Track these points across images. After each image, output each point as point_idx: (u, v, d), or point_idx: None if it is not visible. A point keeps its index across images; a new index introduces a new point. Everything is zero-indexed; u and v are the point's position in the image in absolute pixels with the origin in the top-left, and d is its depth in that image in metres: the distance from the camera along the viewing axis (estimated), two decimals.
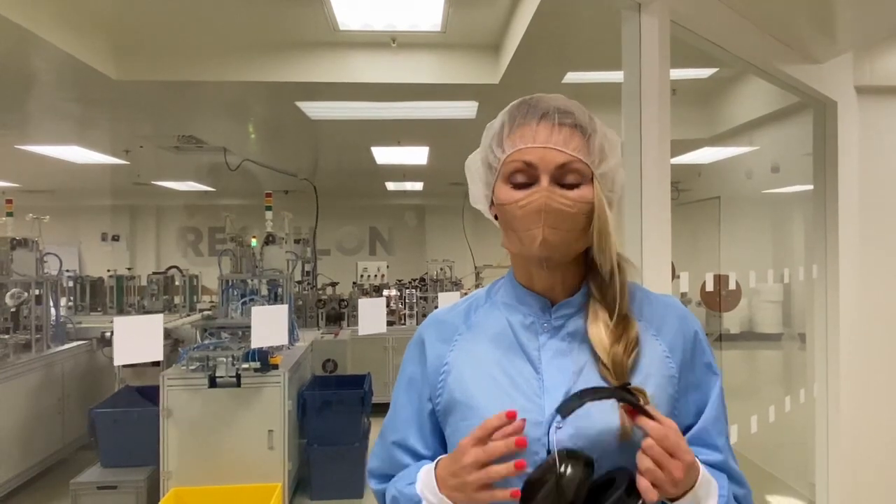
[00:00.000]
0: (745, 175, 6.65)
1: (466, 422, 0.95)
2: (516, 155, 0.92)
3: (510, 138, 0.94)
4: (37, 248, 5.10)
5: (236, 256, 4.64)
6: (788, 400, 2.72)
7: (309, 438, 4.39)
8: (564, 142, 0.91)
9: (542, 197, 0.90)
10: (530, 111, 0.94)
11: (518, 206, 0.92)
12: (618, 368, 0.92)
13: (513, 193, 0.93)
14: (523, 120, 0.94)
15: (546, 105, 0.94)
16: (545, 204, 0.89)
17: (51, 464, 4.82)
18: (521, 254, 0.97)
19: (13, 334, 4.80)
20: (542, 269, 0.95)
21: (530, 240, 0.92)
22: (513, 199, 0.92)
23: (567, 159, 0.91)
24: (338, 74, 4.01)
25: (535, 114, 0.93)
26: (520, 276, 1.02)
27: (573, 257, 0.96)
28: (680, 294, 2.21)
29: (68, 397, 5.09)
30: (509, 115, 0.97)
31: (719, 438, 0.98)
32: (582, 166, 0.92)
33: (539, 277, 0.99)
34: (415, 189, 10.34)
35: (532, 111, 0.94)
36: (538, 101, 0.95)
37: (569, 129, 0.92)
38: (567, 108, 0.94)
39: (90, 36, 3.63)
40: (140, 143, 6.22)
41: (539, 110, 0.94)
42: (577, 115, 0.94)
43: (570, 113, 0.94)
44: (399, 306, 7.01)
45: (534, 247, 0.91)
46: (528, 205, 0.91)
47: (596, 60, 3.81)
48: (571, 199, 0.91)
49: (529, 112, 0.94)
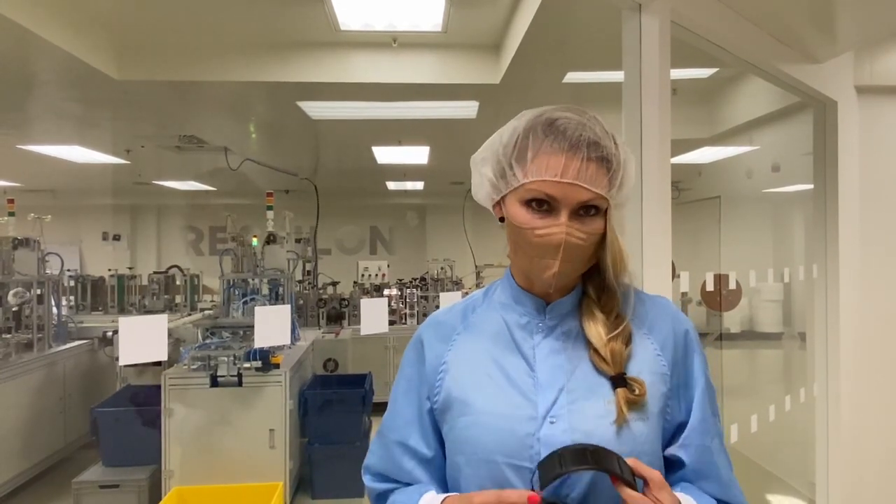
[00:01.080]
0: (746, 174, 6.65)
1: (463, 418, 0.97)
2: (540, 185, 0.91)
3: (535, 163, 0.91)
4: (38, 248, 5.10)
5: (237, 256, 4.64)
6: (789, 399, 2.73)
7: (310, 437, 4.40)
8: (591, 179, 0.90)
9: (561, 232, 0.90)
10: (559, 138, 0.91)
11: (535, 235, 0.92)
12: (616, 358, 0.94)
13: (530, 219, 0.92)
14: (550, 147, 0.91)
15: (577, 134, 0.91)
16: (565, 241, 0.90)
17: (53, 463, 4.83)
18: (530, 275, 0.99)
19: (15, 334, 4.81)
20: (549, 287, 0.97)
21: (543, 268, 0.93)
22: (530, 225, 0.92)
23: (590, 196, 0.91)
24: (339, 74, 4.02)
25: (564, 143, 0.90)
26: (518, 278, 1.04)
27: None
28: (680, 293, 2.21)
29: (70, 396, 5.10)
30: (534, 134, 0.93)
31: (706, 439, 0.99)
32: (601, 201, 0.92)
33: (539, 280, 1.00)
34: (415, 188, 10.35)
35: (561, 139, 0.91)
36: (566, 127, 0.91)
37: (595, 164, 0.90)
38: (596, 138, 0.91)
39: (91, 36, 3.64)
40: (141, 143, 6.22)
41: (569, 140, 0.90)
42: (605, 146, 0.92)
43: (600, 145, 0.91)
44: (400, 306, 7.02)
45: (546, 275, 0.93)
46: (546, 237, 0.91)
47: (596, 60, 3.81)
48: (587, 234, 0.92)
49: (557, 139, 0.91)
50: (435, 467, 1.04)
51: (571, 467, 0.84)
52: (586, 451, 0.86)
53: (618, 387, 0.93)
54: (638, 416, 0.93)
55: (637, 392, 0.92)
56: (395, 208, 11.82)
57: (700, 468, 0.98)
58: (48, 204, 8.48)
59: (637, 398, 0.92)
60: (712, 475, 0.98)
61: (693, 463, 0.97)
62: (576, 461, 0.84)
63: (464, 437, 0.97)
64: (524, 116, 0.97)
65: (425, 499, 0.97)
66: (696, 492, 0.97)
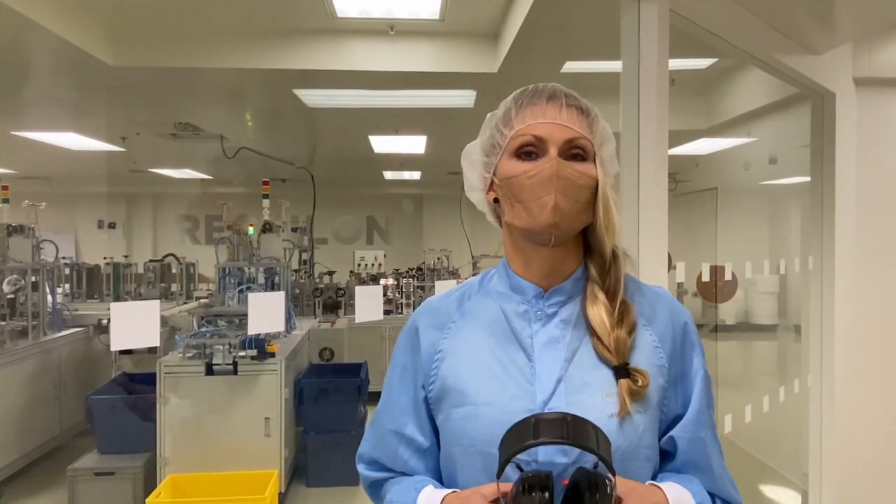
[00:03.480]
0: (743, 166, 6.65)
1: (459, 409, 0.96)
2: (525, 129, 0.96)
3: (519, 116, 0.97)
4: (33, 235, 5.08)
5: (233, 244, 4.63)
6: (783, 390, 2.74)
7: (305, 426, 4.40)
8: (571, 120, 0.96)
9: (552, 165, 0.92)
10: (538, 93, 0.99)
11: (527, 177, 0.94)
12: (621, 347, 0.94)
13: (521, 165, 0.95)
14: (531, 100, 0.98)
15: (553, 88, 0.99)
16: (556, 171, 0.92)
17: (48, 450, 4.83)
18: (529, 227, 0.95)
19: (10, 321, 4.80)
20: (548, 244, 0.95)
21: (540, 207, 0.93)
22: (521, 170, 0.95)
23: (574, 135, 0.95)
24: (335, 62, 3.99)
25: (543, 95, 0.98)
26: (515, 264, 1.03)
27: (575, 234, 0.98)
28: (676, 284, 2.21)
29: (65, 384, 5.10)
30: (515, 98, 1.01)
31: (702, 431, 0.99)
32: (587, 143, 0.96)
33: (537, 261, 0.99)
34: (412, 178, 10.33)
35: (540, 93, 0.99)
36: (544, 86, 1.00)
37: (575, 110, 0.97)
38: (571, 92, 1.00)
39: (86, 21, 3.60)
40: (137, 130, 6.19)
41: (546, 92, 0.98)
42: (581, 99, 1.00)
43: (574, 96, 0.99)
44: (396, 295, 7.02)
45: (545, 213, 0.92)
46: (538, 173, 0.93)
47: (595, 50, 3.79)
48: (579, 171, 0.94)
49: (537, 94, 0.99)
50: (430, 456, 1.03)
51: (544, 439, 0.80)
52: (565, 421, 0.82)
53: (620, 377, 0.92)
54: (637, 409, 0.92)
55: (640, 383, 0.92)
56: (391, 198, 11.80)
57: (692, 458, 0.98)
58: (43, 191, 8.43)
59: (640, 389, 0.92)
60: (704, 466, 0.98)
61: (685, 453, 0.97)
62: (551, 432, 0.81)
63: (460, 428, 0.96)
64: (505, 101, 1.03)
65: (424, 494, 0.96)
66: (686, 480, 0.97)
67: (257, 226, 4.76)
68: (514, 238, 1.02)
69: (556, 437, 0.80)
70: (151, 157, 7.98)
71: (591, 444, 0.80)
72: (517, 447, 0.81)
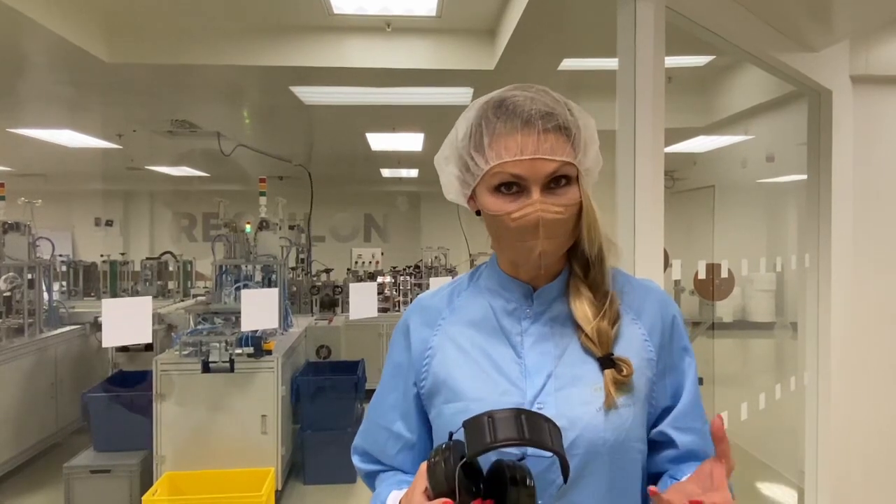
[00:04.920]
0: (740, 164, 6.66)
1: (450, 405, 0.97)
2: (502, 167, 0.88)
3: (492, 148, 0.89)
4: (29, 233, 5.07)
5: (230, 242, 4.62)
6: (779, 388, 2.74)
7: (302, 424, 4.40)
8: (552, 149, 0.87)
9: (536, 210, 0.87)
10: (511, 118, 0.88)
11: (511, 219, 0.89)
12: (603, 338, 0.94)
13: (503, 204, 0.90)
14: (504, 128, 0.88)
15: (526, 109, 0.88)
16: (541, 217, 0.87)
17: (44, 448, 4.82)
18: (516, 260, 0.97)
19: (6, 318, 4.78)
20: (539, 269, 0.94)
21: (527, 251, 0.91)
22: (504, 210, 0.90)
23: (556, 166, 0.88)
24: (332, 59, 3.99)
25: (517, 121, 0.88)
26: (504, 265, 1.03)
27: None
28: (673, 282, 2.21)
29: (61, 382, 5.09)
30: (486, 120, 0.91)
31: (698, 422, 1.00)
32: (569, 168, 0.90)
33: (526, 270, 0.99)
34: (410, 176, 10.31)
35: (513, 117, 0.88)
36: (515, 106, 0.89)
37: (554, 134, 0.88)
38: (548, 108, 0.89)
39: (82, 18, 3.59)
40: (133, 128, 6.18)
41: (520, 117, 0.88)
42: (558, 114, 0.89)
43: (553, 115, 0.89)
44: (393, 293, 7.01)
45: (532, 258, 0.91)
46: (522, 218, 0.88)
47: (592, 47, 3.79)
48: (563, 206, 0.89)
49: (510, 119, 0.88)
50: (418, 451, 1.04)
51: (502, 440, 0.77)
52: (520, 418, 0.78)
53: (605, 368, 0.92)
54: (626, 402, 0.93)
55: (625, 372, 0.92)
56: (389, 196, 11.79)
57: (696, 450, 0.98)
58: (40, 189, 8.40)
59: (625, 378, 0.92)
60: (703, 456, 0.98)
61: (690, 444, 0.98)
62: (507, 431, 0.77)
63: (451, 423, 0.96)
64: (474, 105, 0.96)
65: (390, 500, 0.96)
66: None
67: (254, 223, 4.75)
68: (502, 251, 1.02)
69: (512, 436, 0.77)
70: (148, 154, 7.96)
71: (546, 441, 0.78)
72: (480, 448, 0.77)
